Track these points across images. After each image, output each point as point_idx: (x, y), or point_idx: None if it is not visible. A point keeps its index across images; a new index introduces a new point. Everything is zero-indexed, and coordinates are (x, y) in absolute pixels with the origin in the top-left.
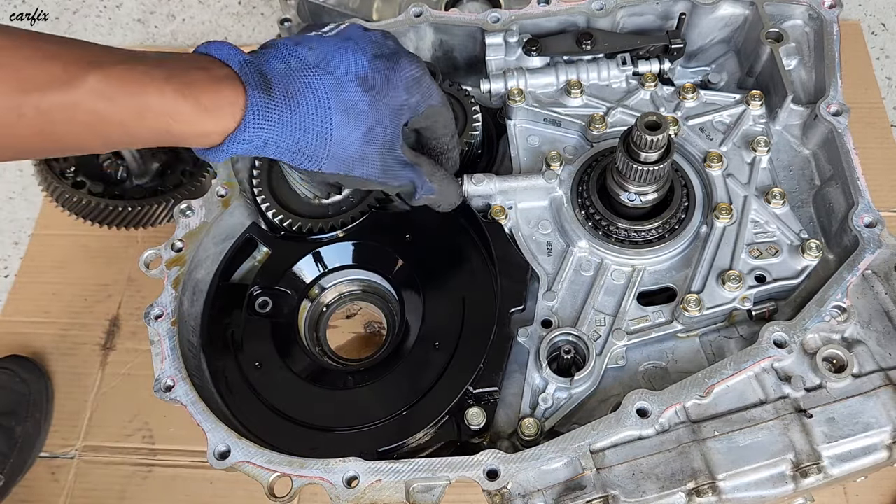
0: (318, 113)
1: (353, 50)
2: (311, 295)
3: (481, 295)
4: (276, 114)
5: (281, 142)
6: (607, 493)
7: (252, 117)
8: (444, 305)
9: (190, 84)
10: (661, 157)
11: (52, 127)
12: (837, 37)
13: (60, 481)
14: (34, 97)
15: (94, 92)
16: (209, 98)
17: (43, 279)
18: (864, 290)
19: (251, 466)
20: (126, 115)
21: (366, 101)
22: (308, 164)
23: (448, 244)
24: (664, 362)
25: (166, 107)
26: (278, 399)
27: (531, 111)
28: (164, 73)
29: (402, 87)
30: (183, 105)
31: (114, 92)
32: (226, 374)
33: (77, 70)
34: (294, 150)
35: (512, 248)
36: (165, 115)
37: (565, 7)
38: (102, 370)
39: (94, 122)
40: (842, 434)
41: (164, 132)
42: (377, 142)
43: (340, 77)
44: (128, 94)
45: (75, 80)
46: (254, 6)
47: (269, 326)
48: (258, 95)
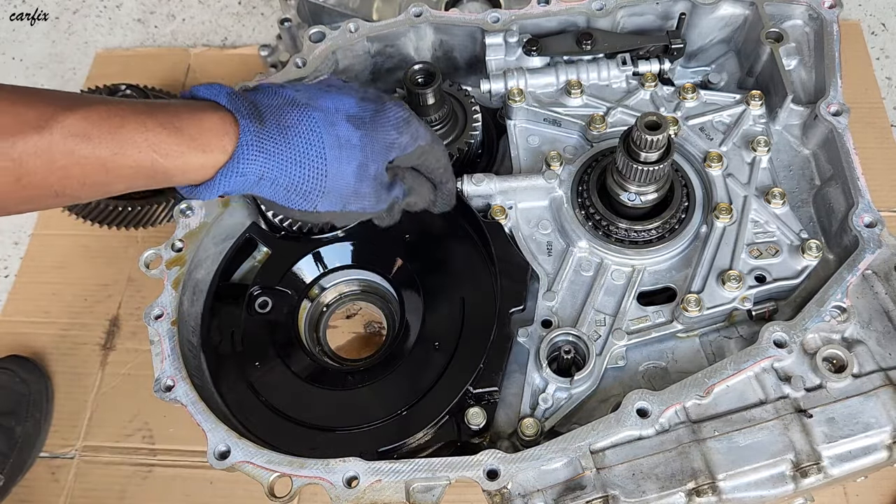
0: (313, 146)
1: (338, 93)
2: (311, 295)
3: (481, 295)
4: (271, 145)
5: (277, 177)
6: (607, 493)
7: (246, 147)
8: (444, 305)
9: (174, 115)
10: (661, 157)
11: (29, 176)
12: (837, 37)
13: (60, 481)
14: (6, 143)
15: (70, 132)
16: (195, 128)
17: (43, 279)
18: (864, 290)
19: (251, 466)
20: (105, 154)
21: (357, 136)
22: (302, 204)
23: (448, 244)
24: (664, 362)
25: (149, 140)
26: (278, 399)
27: (531, 111)
28: (145, 107)
29: (391, 127)
30: (168, 137)
31: (91, 130)
32: (225, 374)
33: (52, 112)
34: (289, 188)
35: (512, 248)
36: (149, 149)
37: (565, 7)
38: (102, 370)
39: (70, 165)
40: (842, 434)
41: (147, 169)
42: (370, 176)
43: (330, 113)
44: (106, 132)
45: (50, 122)
46: (254, 6)
47: (268, 326)
48: (250, 124)
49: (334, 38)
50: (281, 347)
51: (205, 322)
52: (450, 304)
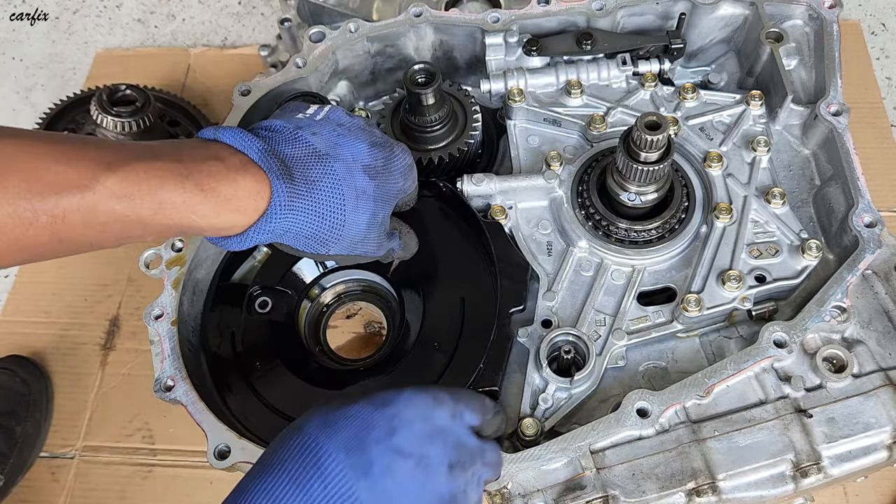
0: (335, 200)
1: (352, 138)
2: (311, 295)
3: (481, 295)
4: (299, 203)
5: (301, 229)
6: (607, 493)
7: (277, 207)
8: (444, 305)
9: (209, 176)
10: (661, 157)
11: (69, 231)
12: (837, 37)
13: (60, 481)
14: (49, 202)
15: (112, 193)
16: (229, 190)
17: (43, 279)
18: (864, 290)
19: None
20: (145, 213)
21: (371, 187)
22: (318, 249)
23: (447, 244)
24: (664, 362)
25: (187, 202)
26: (278, 399)
27: (531, 111)
28: (182, 168)
29: (399, 175)
30: (204, 200)
31: (132, 191)
32: (225, 375)
33: (92, 172)
34: (310, 237)
35: (512, 248)
36: (186, 210)
37: (565, 7)
38: (102, 370)
39: (111, 223)
40: (842, 434)
41: (184, 227)
42: (378, 224)
43: (349, 164)
44: (147, 193)
45: (92, 182)
46: (254, 6)
47: (268, 326)
48: (282, 185)
49: (334, 38)
50: (281, 348)
51: (204, 322)
52: (449, 304)
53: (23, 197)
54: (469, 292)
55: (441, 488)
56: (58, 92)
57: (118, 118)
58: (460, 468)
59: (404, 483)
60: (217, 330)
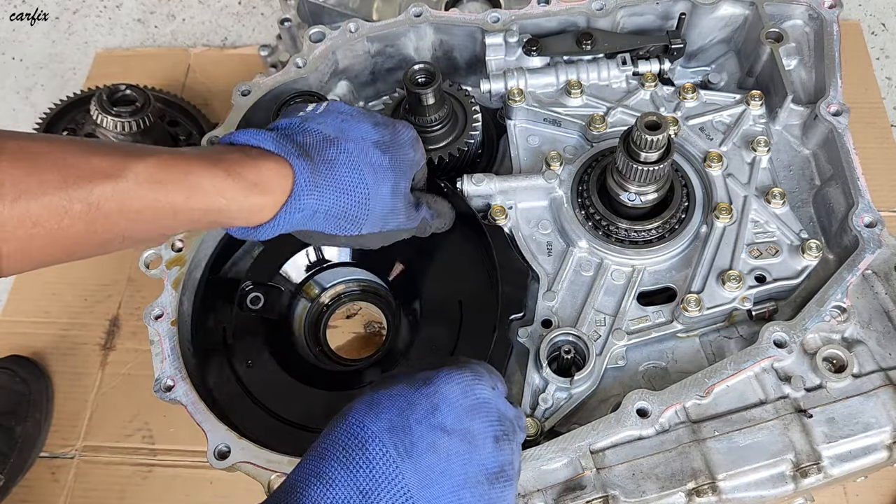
0: (355, 175)
1: (356, 121)
2: (311, 295)
3: (479, 298)
4: (322, 180)
5: (330, 207)
6: (607, 493)
7: (303, 185)
8: (442, 308)
9: (234, 163)
10: (661, 157)
11: (103, 220)
12: (837, 37)
13: (60, 481)
14: (83, 190)
15: (144, 178)
16: (255, 174)
17: (43, 279)
18: (864, 290)
19: (251, 466)
20: (177, 198)
21: (386, 160)
22: (351, 229)
23: (447, 245)
24: (664, 362)
25: (217, 186)
26: (269, 398)
27: (531, 111)
28: (207, 155)
29: (408, 146)
30: (233, 183)
31: (163, 176)
32: (216, 373)
33: (124, 161)
34: (340, 216)
35: (513, 253)
36: (216, 195)
37: (565, 7)
38: (102, 370)
39: (144, 209)
40: (842, 434)
41: (214, 212)
42: (401, 193)
43: (360, 143)
44: (177, 178)
45: (123, 170)
46: (254, 6)
47: (261, 323)
48: (303, 163)
49: (334, 38)
50: (274, 345)
51: (194, 317)
52: (448, 306)
53: (58, 187)
54: (467, 295)
55: (488, 461)
56: (58, 92)
57: (118, 118)
58: (505, 440)
59: (449, 459)
60: (207, 325)
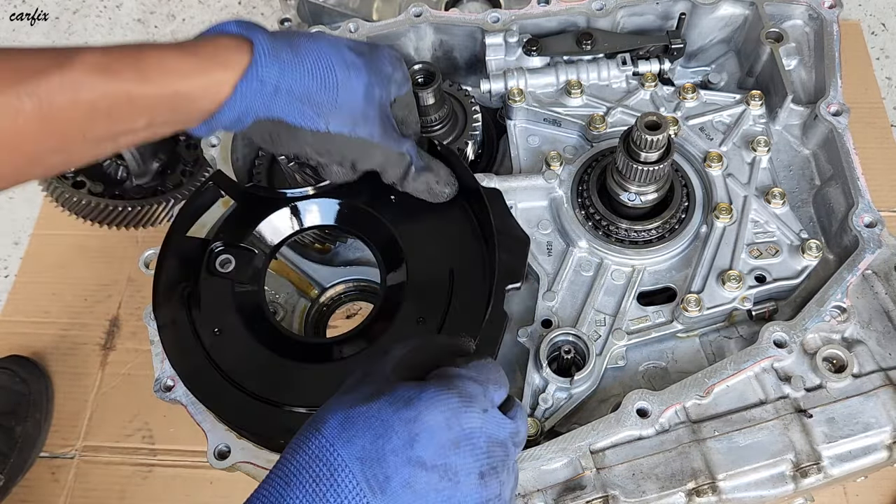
0: (324, 61)
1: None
2: (311, 295)
3: (471, 267)
4: (285, 55)
5: (292, 86)
6: (607, 493)
7: (263, 55)
8: (431, 277)
9: (190, 44)
10: (661, 157)
11: (56, 114)
12: (837, 37)
13: (60, 481)
14: (31, 84)
15: (93, 66)
16: (212, 49)
17: (43, 279)
18: (864, 290)
19: (251, 466)
20: (130, 83)
21: (361, 62)
22: (315, 120)
23: (437, 209)
24: (664, 362)
25: (170, 65)
26: (237, 369)
27: (531, 111)
28: (161, 43)
29: (386, 60)
30: (188, 59)
31: (113, 63)
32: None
33: (70, 52)
34: (304, 98)
35: (512, 219)
36: (171, 73)
37: (565, 7)
38: (102, 370)
39: (97, 100)
40: (842, 434)
41: (171, 96)
42: (375, 101)
43: (332, 42)
44: (128, 63)
45: (71, 58)
46: (254, 6)
47: (231, 288)
48: (263, 38)
49: None
50: (244, 313)
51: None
52: (437, 275)
53: (8, 84)
54: (459, 263)
55: (470, 500)
56: None
57: None
58: (492, 473)
59: (426, 498)
60: (170, 289)
